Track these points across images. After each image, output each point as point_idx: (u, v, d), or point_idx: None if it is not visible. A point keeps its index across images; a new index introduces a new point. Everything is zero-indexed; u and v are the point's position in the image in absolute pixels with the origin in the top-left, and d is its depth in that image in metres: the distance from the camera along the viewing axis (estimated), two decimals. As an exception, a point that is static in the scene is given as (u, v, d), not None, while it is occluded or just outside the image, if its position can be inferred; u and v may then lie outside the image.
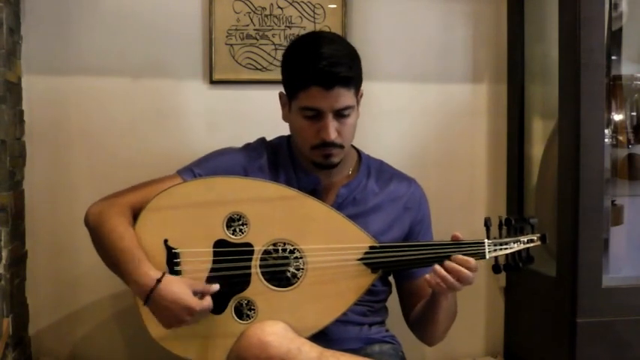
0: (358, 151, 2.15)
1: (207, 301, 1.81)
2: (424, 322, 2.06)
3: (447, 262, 1.83)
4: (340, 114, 1.92)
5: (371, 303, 2.07)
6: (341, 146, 1.96)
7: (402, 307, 2.18)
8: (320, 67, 1.86)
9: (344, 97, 1.90)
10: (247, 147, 2.12)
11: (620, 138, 2.54)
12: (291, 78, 1.95)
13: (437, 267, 1.84)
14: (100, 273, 2.47)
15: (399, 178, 2.16)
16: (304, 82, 1.89)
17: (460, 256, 1.83)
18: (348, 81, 1.90)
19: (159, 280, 1.80)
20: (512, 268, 1.89)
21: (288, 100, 1.99)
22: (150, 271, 1.82)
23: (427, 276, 1.86)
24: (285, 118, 2.05)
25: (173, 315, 1.80)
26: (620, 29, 2.54)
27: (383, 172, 2.15)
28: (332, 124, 1.91)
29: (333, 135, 1.91)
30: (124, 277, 1.86)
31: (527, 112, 2.74)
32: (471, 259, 1.83)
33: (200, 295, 1.82)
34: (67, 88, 2.54)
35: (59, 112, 2.54)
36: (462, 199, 2.81)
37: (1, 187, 2.22)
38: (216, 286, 1.84)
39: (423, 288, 2.08)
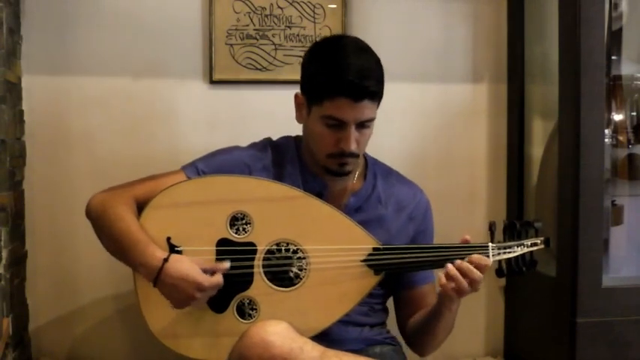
0: (364, 154, 2.13)
1: (217, 278, 1.81)
2: (422, 332, 2.05)
3: (460, 263, 1.82)
4: (362, 125, 1.91)
5: (371, 304, 2.07)
6: (357, 156, 1.96)
7: (398, 316, 2.17)
8: (350, 79, 1.84)
9: (369, 109, 1.89)
10: (253, 146, 2.11)
11: (620, 138, 2.54)
12: (317, 84, 1.91)
13: (449, 266, 1.82)
14: (101, 272, 2.51)
15: (406, 187, 2.14)
16: (332, 91, 1.86)
17: (476, 256, 1.82)
18: (375, 95, 1.90)
19: (166, 260, 1.81)
20: (516, 272, 1.88)
21: (307, 104, 1.97)
22: (156, 252, 1.82)
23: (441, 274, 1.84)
24: (299, 120, 2.03)
25: (183, 292, 1.80)
26: (620, 29, 2.55)
27: (389, 179, 2.14)
28: (353, 135, 1.90)
29: (353, 146, 1.91)
30: (130, 261, 1.86)
31: (527, 112, 2.75)
32: (487, 259, 1.82)
33: (210, 273, 1.82)
34: (67, 88, 2.54)
35: (59, 112, 2.54)
36: (462, 199, 2.81)
37: (1, 187, 2.22)
38: (227, 264, 1.85)
39: (421, 298, 2.08)
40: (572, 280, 2.32)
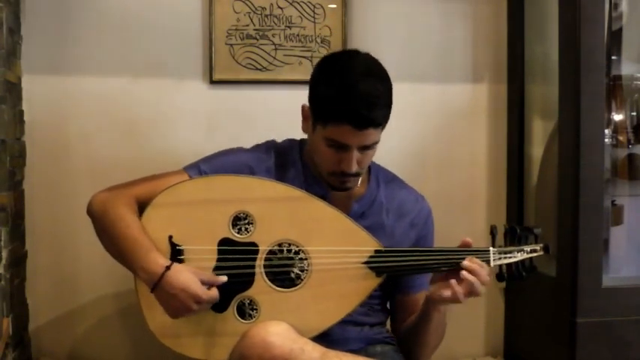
0: None
1: (215, 292, 1.81)
2: (413, 337, 2.05)
3: (468, 265, 1.82)
4: (365, 147, 1.90)
5: (371, 304, 2.06)
6: (358, 174, 1.95)
7: (392, 321, 2.17)
8: (356, 109, 1.82)
9: (373, 135, 1.88)
10: (256, 148, 2.10)
11: (620, 138, 2.55)
12: (322, 106, 1.89)
13: (464, 273, 1.81)
14: (101, 272, 2.51)
15: (408, 193, 2.13)
16: (336, 117, 1.84)
17: (477, 260, 1.83)
18: (381, 123, 1.88)
19: (168, 268, 1.80)
20: (516, 277, 1.89)
21: (313, 120, 1.94)
22: (159, 259, 1.82)
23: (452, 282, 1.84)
24: (305, 130, 2.02)
25: (180, 303, 1.79)
26: (620, 29, 2.55)
27: (392, 185, 2.13)
28: (355, 158, 1.89)
29: (354, 168, 1.90)
30: (130, 264, 1.85)
31: (527, 112, 2.75)
32: (485, 265, 1.83)
33: (208, 285, 1.82)
34: (67, 88, 2.54)
35: (59, 112, 2.54)
36: (462, 200, 2.81)
37: (1, 187, 2.22)
38: (224, 278, 1.84)
39: (415, 304, 2.07)
40: (572, 280, 2.32)
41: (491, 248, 1.87)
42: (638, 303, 2.37)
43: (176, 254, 1.87)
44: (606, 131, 2.41)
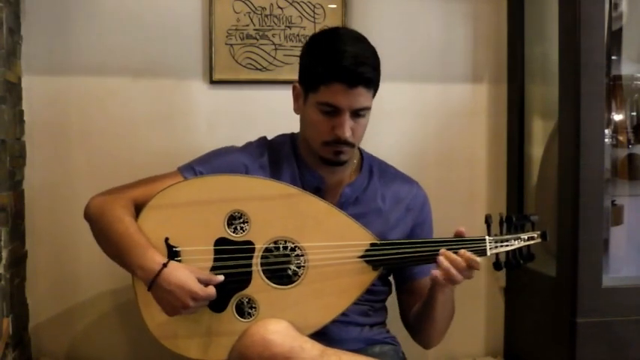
0: (360, 150, 2.15)
1: (211, 290, 1.82)
2: (422, 319, 2.05)
3: (453, 256, 1.83)
4: (357, 113, 1.92)
5: (371, 303, 2.07)
6: (352, 145, 1.96)
7: (401, 308, 2.18)
8: (345, 65, 1.86)
9: (363, 97, 1.90)
10: (249, 146, 2.12)
11: (620, 138, 2.54)
12: (313, 71, 1.93)
13: (441, 259, 1.83)
14: (100, 272, 2.51)
15: (402, 180, 2.16)
16: (327, 77, 1.88)
17: (468, 254, 1.83)
18: (371, 82, 1.91)
19: (165, 265, 1.81)
20: (513, 265, 1.89)
21: (304, 93, 1.98)
22: (156, 257, 1.83)
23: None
24: (297, 110, 2.04)
25: (177, 299, 1.80)
26: (620, 29, 2.55)
27: (386, 172, 2.15)
28: (348, 123, 1.91)
29: (347, 133, 1.91)
30: (128, 264, 1.86)
31: (527, 112, 2.75)
32: (478, 259, 1.83)
33: (204, 284, 1.82)
34: (67, 88, 2.54)
35: (59, 112, 2.54)
36: (462, 200, 2.81)
37: (1, 187, 2.22)
38: (220, 277, 1.85)
39: (422, 288, 2.07)
40: (572, 280, 2.31)
41: (486, 237, 1.87)
42: (638, 303, 2.36)
43: (173, 256, 1.88)
44: (606, 131, 2.40)
